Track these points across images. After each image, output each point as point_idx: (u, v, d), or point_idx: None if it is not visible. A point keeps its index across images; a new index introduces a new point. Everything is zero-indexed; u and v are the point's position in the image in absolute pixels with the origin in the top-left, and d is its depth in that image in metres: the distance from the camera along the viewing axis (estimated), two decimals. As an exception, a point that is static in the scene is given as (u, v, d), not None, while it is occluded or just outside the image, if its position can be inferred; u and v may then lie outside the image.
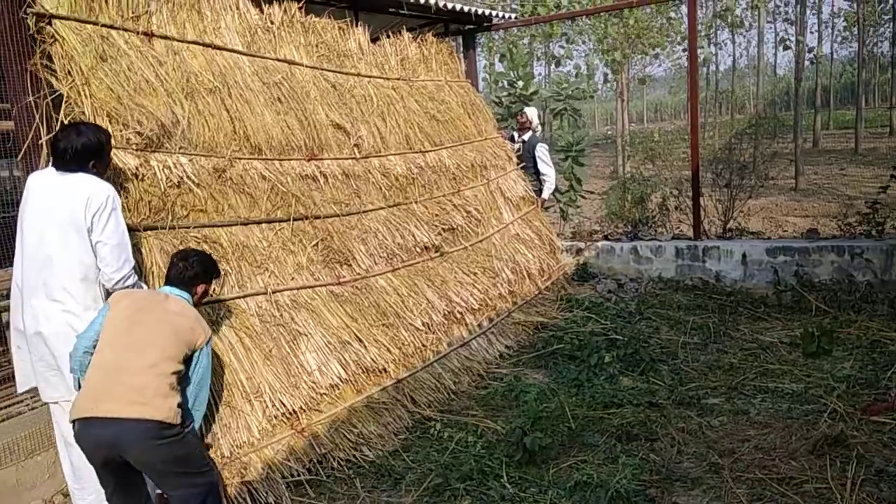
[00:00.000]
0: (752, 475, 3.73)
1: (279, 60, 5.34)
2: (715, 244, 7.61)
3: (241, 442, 3.72)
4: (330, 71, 5.88)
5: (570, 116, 11.34)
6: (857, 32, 25.61)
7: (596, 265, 8.29)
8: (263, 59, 5.19)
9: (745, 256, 7.38)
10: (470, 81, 8.41)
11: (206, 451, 3.49)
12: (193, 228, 4.03)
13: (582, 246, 8.41)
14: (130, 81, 4.00)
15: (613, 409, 4.69)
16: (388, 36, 7.01)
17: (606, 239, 8.56)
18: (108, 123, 3.70)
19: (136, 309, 3.13)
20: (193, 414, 3.23)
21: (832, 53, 33.25)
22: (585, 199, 10.55)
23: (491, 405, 4.92)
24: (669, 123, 40.73)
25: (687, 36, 9.37)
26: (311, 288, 4.62)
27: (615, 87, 20.54)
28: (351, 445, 4.18)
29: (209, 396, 3.41)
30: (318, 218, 4.93)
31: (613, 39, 16.54)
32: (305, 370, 4.20)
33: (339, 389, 4.36)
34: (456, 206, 6.63)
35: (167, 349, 3.04)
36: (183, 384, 3.16)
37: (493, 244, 6.89)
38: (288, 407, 3.98)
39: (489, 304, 6.25)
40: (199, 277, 3.41)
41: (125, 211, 3.55)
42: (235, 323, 4.04)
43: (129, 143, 3.83)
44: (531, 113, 8.57)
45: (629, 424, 4.40)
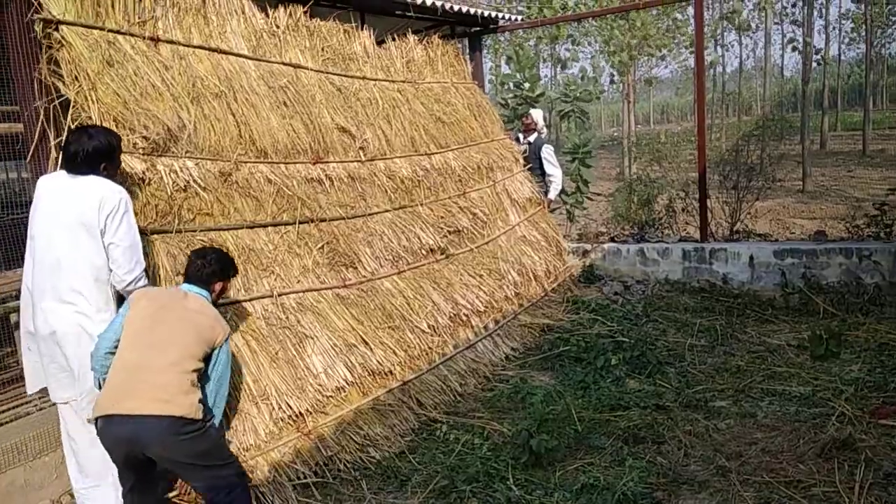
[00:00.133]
0: (759, 478, 3.72)
1: (285, 64, 5.36)
2: (722, 246, 7.59)
3: (247, 445, 3.72)
4: (335, 74, 5.89)
5: (577, 118, 11.32)
6: (864, 34, 25.54)
7: (602, 267, 8.27)
8: (269, 63, 5.21)
9: (752, 258, 7.35)
10: (476, 83, 8.41)
11: (228, 443, 3.51)
12: (200, 232, 4.05)
13: (588, 248, 8.40)
14: (137, 86, 4.02)
15: (620, 411, 4.68)
16: (393, 38, 7.02)
17: (613, 241, 8.54)
18: (114, 128, 3.70)
19: (156, 307, 3.17)
20: (214, 411, 3.26)
21: (840, 55, 33.15)
22: (592, 200, 10.53)
23: (497, 407, 4.92)
24: (676, 125, 40.73)
25: (693, 38, 9.35)
26: (316, 291, 4.62)
27: (621, 88, 20.52)
28: (357, 447, 4.19)
29: (228, 392, 3.44)
30: (323, 221, 4.94)
31: (619, 41, 16.51)
32: (311, 373, 4.21)
33: (344, 392, 4.37)
34: (462, 208, 6.63)
35: (189, 347, 3.09)
36: (202, 381, 3.19)
37: (499, 246, 6.88)
38: (294, 409, 3.98)
39: (495, 306, 6.25)
40: (216, 275, 3.45)
41: (132, 215, 3.56)
42: (242, 326, 4.05)
43: (135, 147, 3.85)
44: (536, 115, 8.57)
45: (636, 427, 4.39)
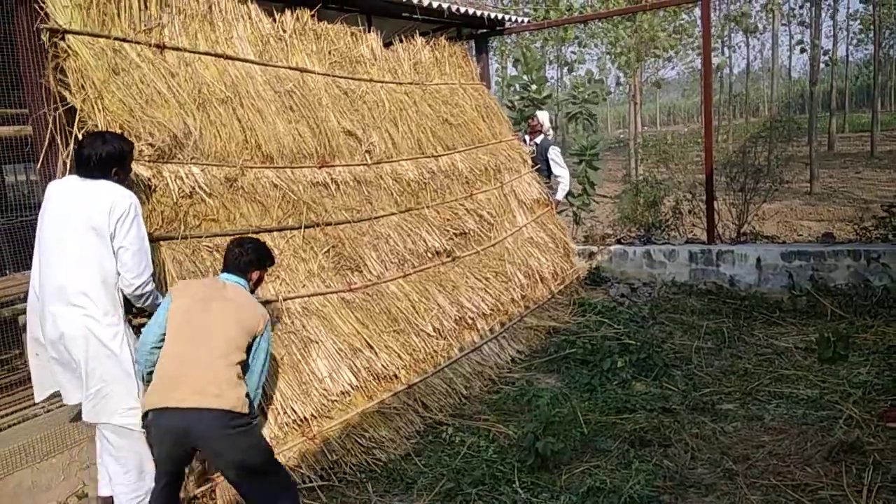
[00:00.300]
0: (766, 481, 3.70)
1: (291, 68, 5.37)
2: (729, 248, 7.56)
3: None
4: (342, 77, 5.90)
5: (585, 120, 11.32)
6: (872, 35, 25.43)
7: (609, 269, 8.26)
8: (275, 67, 5.23)
9: (759, 261, 7.33)
10: (484, 84, 8.42)
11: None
12: (205, 238, 4.06)
13: (595, 250, 8.38)
14: (142, 94, 4.04)
15: (626, 414, 4.67)
16: (401, 40, 7.03)
17: (619, 243, 8.53)
18: (119, 136, 3.74)
19: (198, 299, 3.23)
20: (254, 401, 3.27)
21: (847, 56, 33.05)
22: (598, 203, 10.53)
23: (503, 410, 4.92)
24: (683, 126, 40.62)
25: (700, 40, 9.32)
26: (322, 295, 4.63)
27: (628, 90, 20.48)
28: (362, 450, 4.19)
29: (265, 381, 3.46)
30: (329, 225, 4.95)
31: (626, 43, 16.49)
32: (316, 377, 4.21)
33: (349, 396, 4.37)
34: (468, 210, 6.63)
35: (233, 338, 3.14)
36: (245, 371, 3.23)
37: (505, 248, 6.87)
38: (299, 414, 3.99)
39: (501, 308, 6.24)
40: (253, 264, 3.51)
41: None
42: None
43: (141, 154, 3.85)
44: (543, 116, 8.58)
45: (642, 430, 4.38)
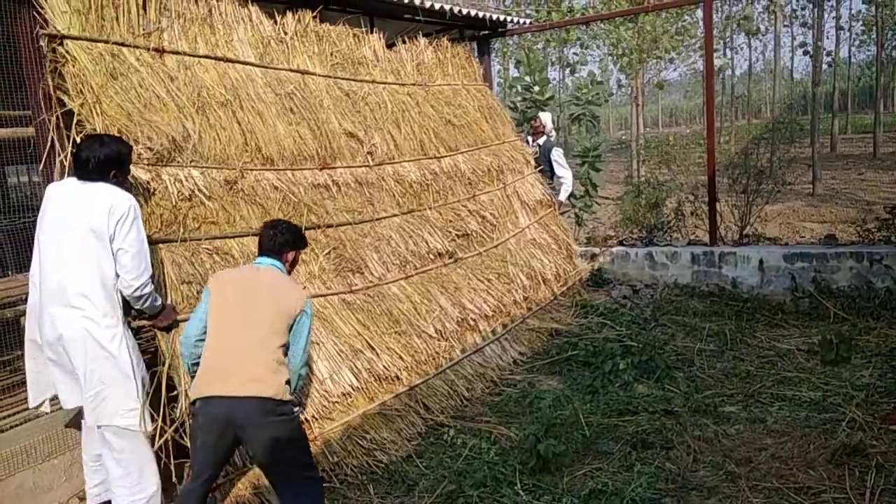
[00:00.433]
0: (769, 484, 3.69)
1: (292, 71, 5.36)
2: (731, 250, 7.54)
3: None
4: (343, 79, 5.90)
5: (588, 122, 11.32)
6: (875, 36, 25.39)
7: (611, 271, 8.24)
8: (276, 69, 5.22)
9: (762, 262, 7.31)
10: (487, 85, 8.42)
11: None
12: (205, 240, 4.05)
13: (597, 251, 8.37)
14: (141, 98, 4.03)
15: (628, 416, 4.66)
16: (403, 42, 7.03)
17: (621, 244, 8.51)
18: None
19: (238, 288, 3.27)
20: (293, 379, 3.27)
21: (850, 57, 33.00)
22: (600, 204, 10.51)
23: (504, 412, 4.91)
24: (685, 128, 40.57)
25: (703, 41, 9.31)
26: (322, 296, 4.62)
27: (630, 91, 20.47)
28: (363, 452, 4.19)
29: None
30: (330, 227, 4.94)
31: (628, 44, 16.46)
32: (317, 378, 4.20)
33: (350, 398, 4.37)
34: (471, 211, 6.62)
35: (273, 322, 3.17)
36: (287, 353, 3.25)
37: (508, 249, 6.86)
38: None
39: (503, 310, 6.23)
40: (288, 244, 3.51)
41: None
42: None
43: (140, 158, 3.84)
44: (545, 118, 8.58)
45: (644, 432, 4.37)
